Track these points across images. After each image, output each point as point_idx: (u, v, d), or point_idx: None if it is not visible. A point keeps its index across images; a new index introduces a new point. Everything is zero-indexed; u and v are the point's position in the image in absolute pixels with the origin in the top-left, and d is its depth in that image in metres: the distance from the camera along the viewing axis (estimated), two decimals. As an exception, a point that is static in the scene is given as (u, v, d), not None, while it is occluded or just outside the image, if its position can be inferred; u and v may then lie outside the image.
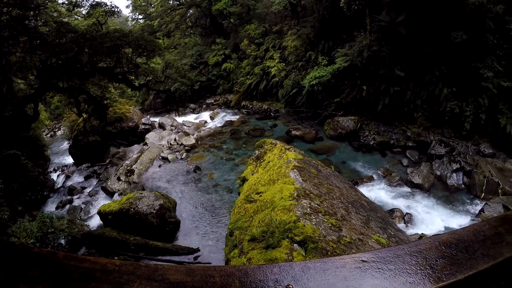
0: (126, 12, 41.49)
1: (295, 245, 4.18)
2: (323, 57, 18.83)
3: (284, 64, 21.13)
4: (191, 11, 32.43)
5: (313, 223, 4.53)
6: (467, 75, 15.83)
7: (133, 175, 15.08)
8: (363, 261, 1.02)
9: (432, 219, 11.71)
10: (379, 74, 16.80)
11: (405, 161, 15.30)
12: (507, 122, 15.08)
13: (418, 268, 1.03)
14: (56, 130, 31.74)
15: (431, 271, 1.03)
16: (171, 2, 33.16)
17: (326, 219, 4.74)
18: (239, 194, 7.06)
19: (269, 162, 7.01)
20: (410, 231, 10.93)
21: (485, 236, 1.26)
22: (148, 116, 24.44)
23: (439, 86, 15.94)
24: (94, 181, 16.81)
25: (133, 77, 19.30)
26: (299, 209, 4.80)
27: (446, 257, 1.11)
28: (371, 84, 16.99)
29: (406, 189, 13.55)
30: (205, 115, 24.47)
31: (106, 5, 18.09)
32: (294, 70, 20.17)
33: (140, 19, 40.09)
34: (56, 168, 20.19)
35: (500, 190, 13.05)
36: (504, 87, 15.34)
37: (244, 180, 7.22)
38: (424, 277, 1.00)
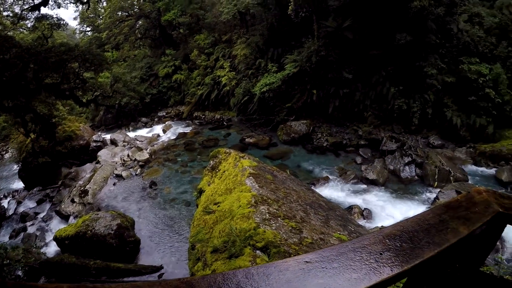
0: (74, 24, 39.53)
1: (258, 251, 4.18)
2: (273, 64, 18.93)
3: (234, 73, 20.93)
4: (140, 22, 31.57)
5: (273, 228, 4.55)
6: (412, 73, 16.65)
7: (88, 195, 14.56)
8: (306, 262, 1.03)
9: (390, 211, 11.95)
10: (328, 78, 17.15)
11: (358, 159, 15.68)
12: (452, 115, 16.10)
13: (363, 263, 1.04)
14: (4, 152, 28.90)
15: (376, 264, 1.04)
16: (120, 13, 32.00)
17: (286, 222, 4.76)
18: (197, 206, 6.99)
19: (224, 171, 6.98)
20: (370, 225, 11.02)
21: (430, 225, 1.30)
22: (99, 133, 23.32)
23: (386, 85, 16.61)
24: (47, 205, 15.77)
25: (81, 93, 18.38)
26: (258, 215, 4.81)
27: (391, 250, 1.12)
28: (321, 88, 17.34)
29: (362, 185, 13.90)
30: (158, 129, 23.81)
31: (51, 17, 17.30)
32: (244, 78, 20.07)
33: (88, 31, 38.27)
34: (6, 194, 18.43)
35: (451, 178, 13.76)
36: (448, 83, 16.37)
37: (201, 191, 7.17)
38: (368, 271, 1.01)
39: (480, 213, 1.50)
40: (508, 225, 1.61)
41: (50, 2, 18.23)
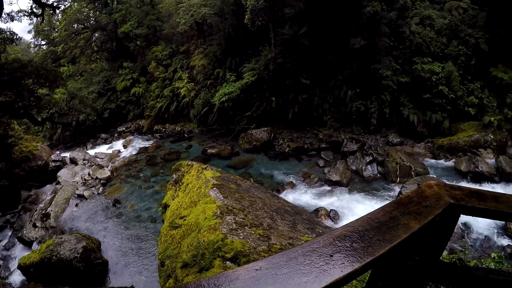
0: (28, 37, 37.66)
1: (228, 262, 4.17)
2: (231, 74, 18.85)
3: (193, 84, 20.59)
4: (96, 34, 30.70)
5: (241, 237, 4.57)
6: (368, 76, 17.00)
7: (50, 219, 14.12)
8: (256, 270, 1.03)
9: (356, 210, 12.09)
10: (286, 84, 17.23)
11: (321, 162, 15.88)
12: (409, 112, 16.60)
13: (313, 266, 1.04)
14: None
15: (326, 267, 1.04)
16: (76, 26, 30.80)
17: (253, 231, 4.80)
18: (163, 221, 6.91)
19: (188, 184, 6.94)
20: (338, 226, 11.07)
21: (380, 223, 1.35)
22: (58, 152, 22.34)
23: (343, 89, 16.87)
24: (8, 232, 15.12)
25: (36, 111, 17.80)
26: (225, 226, 4.82)
27: (341, 251, 1.14)
28: (279, 94, 17.46)
29: (327, 187, 14.15)
30: (118, 144, 23.22)
31: (4, 31, 16.54)
32: (203, 89, 19.81)
33: (43, 45, 36.63)
34: (-35, 224, 17.08)
35: (413, 172, 14.24)
36: (403, 83, 16.85)
37: (165, 206, 7.08)
38: (319, 274, 1.02)
39: (432, 206, 1.53)
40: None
41: (2, 15, 17.28)
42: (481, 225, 11.49)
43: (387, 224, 1.34)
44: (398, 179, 14.24)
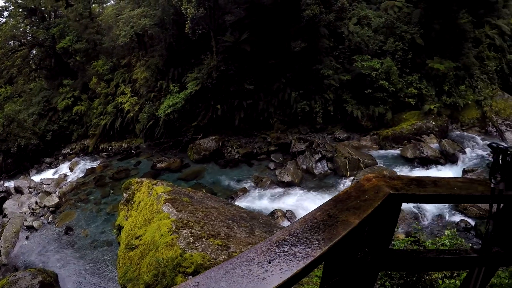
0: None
1: (189, 277, 4.10)
2: (175, 85, 18.57)
3: (136, 98, 19.95)
4: (34, 51, 28.94)
5: (200, 249, 4.54)
6: (311, 77, 17.30)
7: (0, 256, 13.49)
8: (194, 286, 1.01)
9: (311, 207, 12.19)
10: (230, 91, 17.22)
11: (271, 165, 16.04)
12: (353, 108, 17.20)
13: (250, 276, 1.02)
14: None
15: (264, 275, 1.03)
16: (12, 43, 28.74)
17: (211, 241, 4.79)
18: (119, 244, 6.77)
19: (139, 202, 6.76)
20: None
21: (318, 222, 1.35)
22: (1, 182, 21.04)
23: (287, 91, 17.10)
24: None
25: None
26: (182, 240, 4.79)
27: (279, 256, 1.12)
28: (224, 102, 17.47)
29: (280, 189, 14.35)
30: (64, 168, 21.95)
31: None
32: (147, 102, 19.25)
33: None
34: None
35: (362, 165, 14.76)
36: (345, 80, 17.37)
37: (119, 228, 6.90)
38: (257, 283, 1.01)
39: (371, 199, 1.55)
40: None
41: None
42: (434, 206, 12.01)
43: (325, 223, 1.34)
44: (349, 172, 14.67)
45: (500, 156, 1.75)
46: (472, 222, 11.47)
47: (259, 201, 13.82)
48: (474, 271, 2.05)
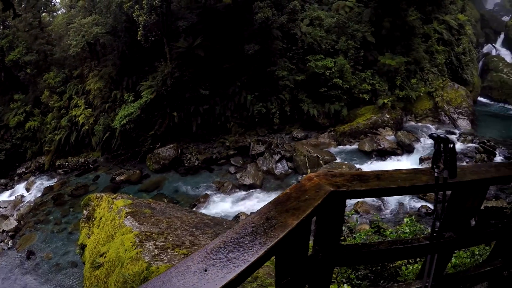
0: None
1: None
2: (129, 94, 18.22)
3: (91, 110, 19.39)
4: (-19, 66, 27.11)
5: (166, 261, 4.50)
6: (265, 79, 17.39)
7: None
8: None
9: None
10: (186, 98, 17.06)
11: (232, 169, 16.03)
12: (309, 107, 17.47)
13: (187, 286, 1.02)
14: None
15: (200, 283, 1.03)
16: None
17: (177, 252, 4.76)
18: (84, 263, 6.58)
19: (101, 218, 6.62)
20: None
21: (256, 226, 1.33)
22: None
23: (243, 94, 17.12)
24: None
25: None
26: (146, 254, 4.72)
27: (216, 263, 1.11)
28: (180, 109, 17.30)
29: (242, 192, 14.41)
30: (21, 188, 20.90)
31: None
32: (102, 113, 18.75)
33: None
34: None
35: (321, 162, 14.98)
36: (299, 80, 17.64)
37: (83, 246, 6.72)
38: None
39: (311, 199, 1.55)
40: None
41: None
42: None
43: (263, 226, 1.33)
44: (309, 170, 14.81)
45: (442, 145, 1.80)
46: (432, 207, 12.06)
47: (223, 206, 13.79)
48: (427, 258, 2.08)
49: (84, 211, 7.29)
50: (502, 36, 29.82)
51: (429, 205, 12.19)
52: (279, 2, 17.72)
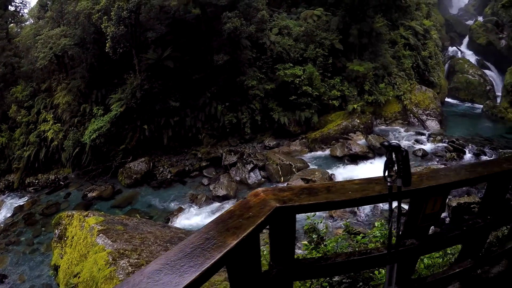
0: None
1: None
2: (98, 107, 17.90)
3: (60, 124, 18.99)
4: None
5: None
6: (235, 89, 17.50)
7: None
8: None
9: None
10: (156, 110, 16.97)
11: (205, 181, 15.94)
12: (279, 116, 17.70)
13: None
14: None
15: None
16: None
17: None
18: (58, 285, 6.52)
19: (73, 237, 6.57)
20: None
21: (194, 247, 1.29)
22: None
23: (213, 105, 17.16)
24: None
25: None
26: (121, 272, 4.69)
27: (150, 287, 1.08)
28: (151, 121, 17.17)
29: (216, 204, 14.34)
30: None
31: None
32: (71, 128, 18.36)
33: None
34: None
35: (294, 169, 15.17)
36: (269, 89, 17.85)
37: (56, 267, 6.63)
38: None
39: (254, 216, 1.51)
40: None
41: None
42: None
43: (201, 247, 1.29)
44: (282, 178, 14.99)
45: (394, 154, 1.79)
46: (406, 207, 12.29)
47: (197, 218, 13.65)
48: (387, 268, 2.07)
49: (56, 231, 7.22)
50: (466, 39, 31.10)
51: (404, 206, 12.43)
52: (248, 12, 17.86)
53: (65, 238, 6.80)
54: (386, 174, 1.82)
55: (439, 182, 2.12)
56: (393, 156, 1.79)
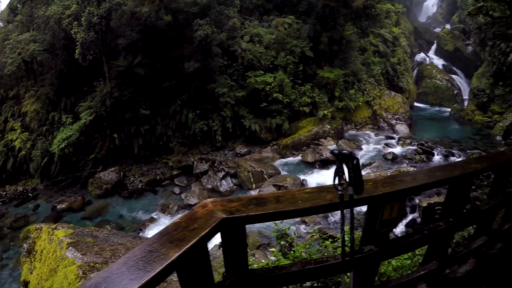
0: None
1: None
2: (67, 116, 17.55)
3: (28, 133, 18.44)
4: None
5: None
6: (206, 96, 17.55)
7: None
8: None
9: None
10: (126, 118, 16.81)
11: (176, 190, 15.84)
12: (250, 123, 17.86)
13: None
14: None
15: None
16: None
17: None
18: None
19: (42, 251, 6.40)
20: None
21: (137, 260, 1.27)
22: None
23: (184, 113, 17.18)
24: None
25: None
26: None
27: None
28: (121, 130, 16.95)
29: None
30: None
31: None
32: (40, 137, 17.86)
33: None
34: None
35: (265, 176, 15.32)
36: (240, 97, 18.01)
37: (26, 283, 6.52)
38: None
39: (200, 228, 1.48)
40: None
41: None
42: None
43: (143, 260, 1.27)
44: (254, 185, 15.11)
45: (344, 162, 1.77)
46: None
47: (168, 229, 13.74)
48: (342, 277, 2.05)
49: (24, 245, 7.10)
50: (434, 45, 32.23)
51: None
52: (219, 20, 17.95)
53: (34, 253, 6.70)
54: (336, 182, 1.81)
55: (394, 188, 2.12)
56: (343, 164, 1.78)
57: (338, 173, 1.79)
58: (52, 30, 18.51)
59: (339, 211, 1.91)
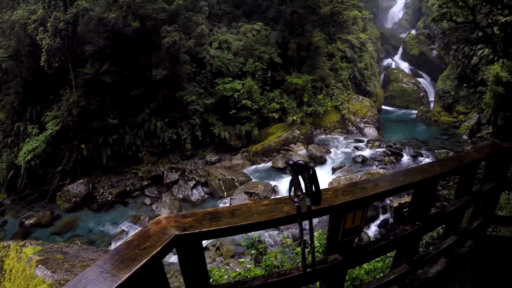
0: None
1: None
2: (33, 126, 17.04)
3: None
4: None
5: None
6: (175, 104, 17.53)
7: None
8: None
9: None
10: (94, 128, 16.59)
11: (147, 200, 15.72)
12: (219, 130, 17.94)
13: None
14: None
15: None
16: None
17: None
18: None
19: (11, 270, 6.25)
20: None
21: (88, 281, 1.25)
22: None
23: (153, 121, 17.08)
24: None
25: None
26: None
27: None
28: (89, 140, 16.62)
29: None
30: None
31: None
32: (5, 149, 17.27)
33: None
34: None
35: (236, 183, 15.44)
36: (209, 104, 18.08)
37: None
38: None
39: (151, 246, 1.44)
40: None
41: None
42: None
43: (94, 281, 1.25)
44: (225, 193, 15.21)
45: (300, 173, 1.73)
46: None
47: (140, 241, 13.60)
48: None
49: None
50: (400, 50, 33.42)
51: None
52: (187, 26, 17.97)
53: (3, 272, 6.56)
54: (292, 193, 1.76)
55: (355, 196, 2.09)
56: (299, 175, 1.74)
57: (294, 184, 1.76)
58: (17, 36, 17.95)
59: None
